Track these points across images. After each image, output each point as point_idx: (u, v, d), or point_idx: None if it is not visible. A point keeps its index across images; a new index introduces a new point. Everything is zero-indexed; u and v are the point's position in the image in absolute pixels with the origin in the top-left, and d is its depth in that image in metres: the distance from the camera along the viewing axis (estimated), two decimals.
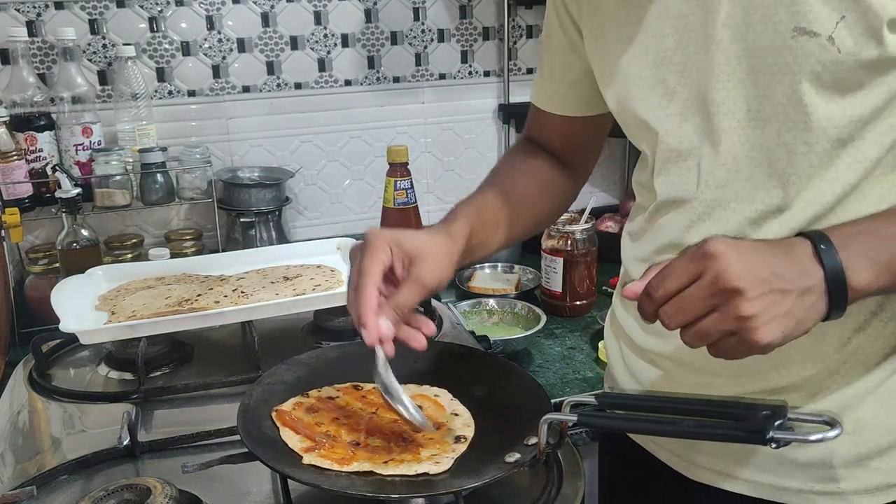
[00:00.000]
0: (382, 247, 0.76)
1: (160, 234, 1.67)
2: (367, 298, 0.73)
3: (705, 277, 0.61)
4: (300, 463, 0.74)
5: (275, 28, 1.69)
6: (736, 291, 0.60)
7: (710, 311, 0.61)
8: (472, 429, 0.81)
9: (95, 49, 1.58)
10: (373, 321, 0.73)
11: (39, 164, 1.47)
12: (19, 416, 1.02)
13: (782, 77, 0.69)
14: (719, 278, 0.60)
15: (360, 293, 0.74)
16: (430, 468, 0.73)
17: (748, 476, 0.81)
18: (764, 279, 0.60)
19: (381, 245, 0.76)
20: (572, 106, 0.95)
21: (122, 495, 0.76)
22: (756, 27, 0.69)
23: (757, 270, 0.60)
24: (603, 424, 0.76)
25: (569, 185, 1.02)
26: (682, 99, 0.76)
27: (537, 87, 0.99)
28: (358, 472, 0.73)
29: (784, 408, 0.64)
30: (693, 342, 0.63)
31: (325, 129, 1.78)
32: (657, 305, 0.64)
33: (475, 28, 1.83)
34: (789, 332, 0.61)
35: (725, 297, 0.60)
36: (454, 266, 0.81)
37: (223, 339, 1.23)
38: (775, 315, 0.60)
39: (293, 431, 0.79)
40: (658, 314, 0.64)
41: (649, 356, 0.87)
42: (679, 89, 0.76)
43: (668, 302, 0.63)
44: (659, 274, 0.64)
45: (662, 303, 0.63)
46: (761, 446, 0.72)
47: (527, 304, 1.43)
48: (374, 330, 0.73)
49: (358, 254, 0.78)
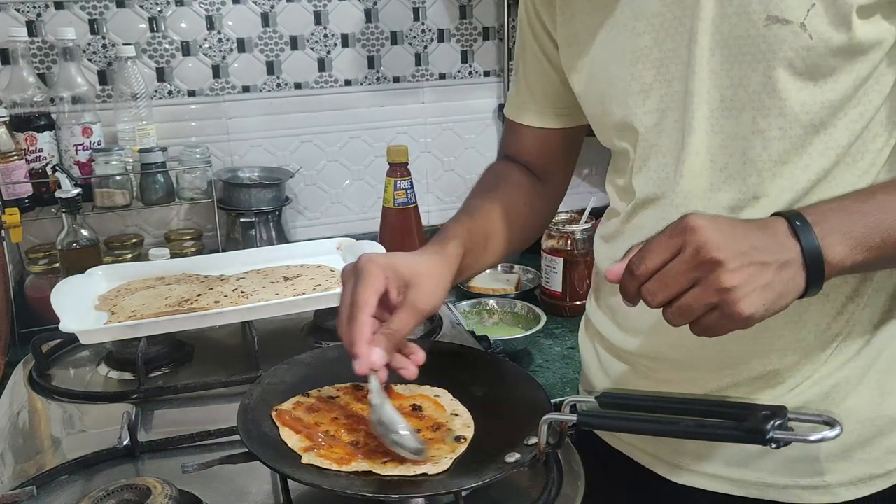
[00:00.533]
0: (377, 273, 0.75)
1: (160, 234, 1.67)
2: (361, 328, 0.73)
3: (686, 251, 0.61)
4: (300, 463, 0.74)
5: (275, 28, 1.69)
6: (717, 263, 0.60)
7: (692, 285, 0.62)
8: (472, 429, 0.81)
9: (95, 49, 1.58)
10: (365, 351, 0.73)
11: (39, 164, 1.48)
12: (19, 416, 1.02)
13: (756, 65, 0.70)
14: (700, 251, 0.61)
15: (353, 323, 0.73)
16: (428, 468, 0.73)
17: (733, 475, 0.82)
18: (743, 252, 0.61)
19: (375, 272, 0.75)
20: (549, 118, 0.96)
21: (122, 495, 0.76)
22: (731, 18, 0.70)
23: (736, 244, 0.61)
24: (603, 424, 0.76)
25: (547, 199, 1.02)
26: (659, 95, 0.77)
27: (512, 101, 0.99)
28: (357, 472, 0.73)
29: (784, 408, 0.65)
30: (676, 319, 0.64)
31: (325, 129, 1.78)
32: (640, 283, 0.64)
33: (475, 28, 1.83)
34: (770, 305, 0.62)
35: (707, 269, 0.61)
36: (448, 289, 0.81)
37: (223, 339, 1.23)
38: (756, 287, 0.61)
39: (293, 431, 0.79)
40: (640, 292, 0.64)
41: (627, 357, 0.88)
42: (656, 85, 0.77)
43: (651, 279, 0.63)
44: (640, 251, 0.64)
45: (644, 280, 0.63)
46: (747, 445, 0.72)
47: (527, 304, 1.43)
48: (365, 360, 0.73)
49: (351, 279, 0.77)
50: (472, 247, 0.87)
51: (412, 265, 0.78)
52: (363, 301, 0.73)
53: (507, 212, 0.94)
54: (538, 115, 0.96)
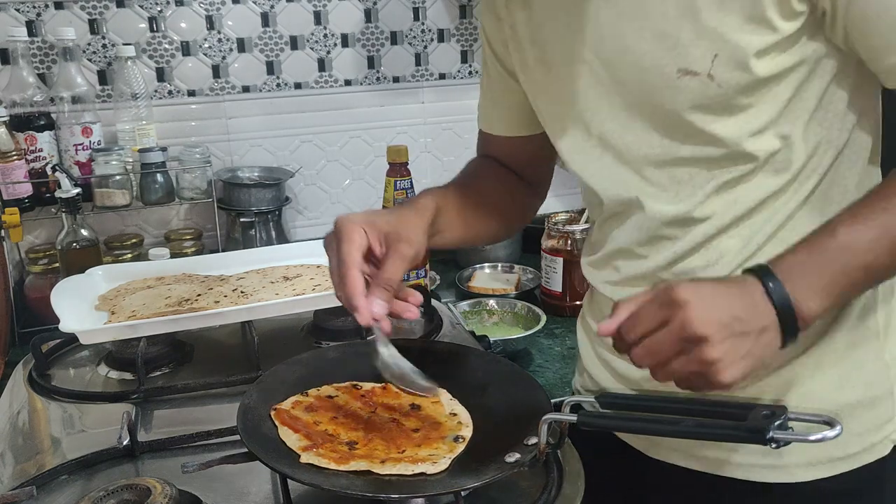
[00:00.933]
0: (356, 230, 0.78)
1: (160, 234, 1.67)
2: (354, 282, 0.76)
3: (673, 324, 0.65)
4: (299, 462, 0.74)
5: (275, 28, 1.69)
6: (702, 339, 0.64)
7: (677, 354, 0.65)
8: (470, 428, 0.81)
9: (95, 49, 1.58)
10: (363, 303, 0.76)
11: (39, 164, 1.47)
12: (19, 416, 1.02)
13: (670, 109, 0.75)
14: (686, 326, 0.64)
15: (344, 279, 0.77)
16: (427, 468, 0.73)
17: (697, 452, 0.85)
18: (726, 324, 0.64)
19: (354, 229, 0.79)
20: (515, 126, 0.98)
21: (121, 495, 0.76)
22: (649, 70, 0.75)
23: (720, 316, 0.64)
24: (603, 424, 0.76)
25: (529, 193, 1.04)
26: (595, 136, 0.82)
27: (481, 112, 1.02)
28: (356, 471, 0.73)
29: (784, 407, 0.65)
30: (661, 380, 0.68)
31: (324, 128, 1.78)
32: (629, 346, 0.68)
33: (475, 28, 1.83)
34: (748, 371, 0.66)
35: (692, 343, 0.65)
36: (427, 237, 0.84)
37: (223, 339, 1.23)
38: (737, 357, 0.65)
39: (291, 430, 0.79)
40: (629, 353, 0.68)
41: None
42: (592, 126, 0.82)
43: (639, 345, 0.67)
44: (630, 318, 0.68)
45: (633, 345, 0.68)
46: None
47: (527, 304, 1.43)
48: (366, 311, 0.76)
49: (332, 242, 0.80)
50: (445, 209, 0.90)
51: (387, 218, 0.82)
52: (349, 258, 0.77)
53: (487, 192, 0.98)
54: (505, 124, 0.98)
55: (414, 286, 1.40)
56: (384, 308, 0.77)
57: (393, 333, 0.82)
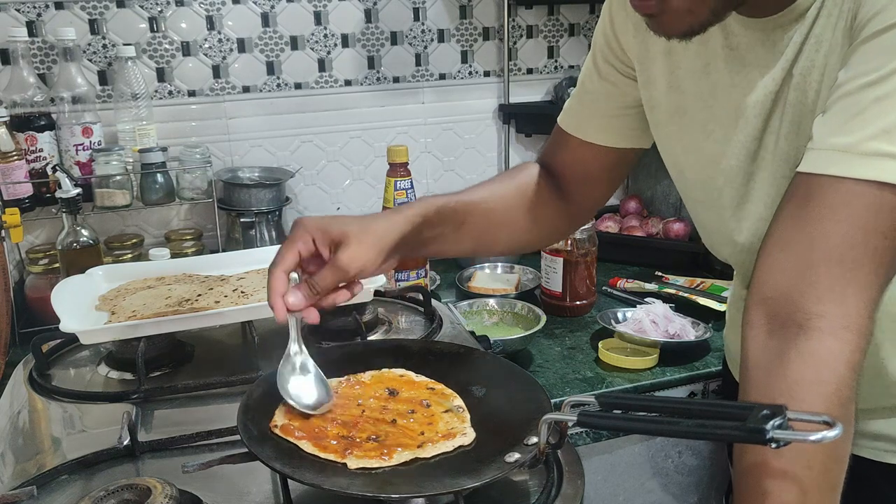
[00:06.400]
0: (303, 234, 0.81)
1: (160, 234, 1.67)
2: (274, 281, 0.80)
3: None
4: (300, 462, 0.74)
5: (275, 28, 1.69)
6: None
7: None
8: (469, 425, 0.82)
9: (95, 49, 1.58)
10: (279, 303, 0.80)
11: (39, 164, 1.48)
12: (19, 416, 1.02)
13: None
14: None
15: (269, 277, 0.81)
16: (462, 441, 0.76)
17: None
18: None
19: (301, 232, 0.81)
20: (612, 136, 0.95)
21: (122, 495, 0.76)
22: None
23: None
24: (603, 424, 0.76)
25: (561, 215, 1.01)
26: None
27: (568, 112, 0.98)
28: (363, 468, 0.73)
29: (784, 407, 0.65)
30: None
31: (325, 129, 1.78)
32: None
33: (475, 28, 1.83)
34: None
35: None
36: (385, 253, 0.84)
37: (223, 339, 1.23)
38: None
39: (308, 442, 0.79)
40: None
41: None
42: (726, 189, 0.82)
43: None
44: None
45: None
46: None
47: (527, 304, 1.43)
48: (280, 310, 0.80)
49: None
50: (440, 222, 0.89)
51: (344, 226, 0.82)
52: (279, 258, 0.81)
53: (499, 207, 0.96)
54: (600, 131, 0.95)
55: (414, 286, 1.41)
56: (300, 298, 0.80)
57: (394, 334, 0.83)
